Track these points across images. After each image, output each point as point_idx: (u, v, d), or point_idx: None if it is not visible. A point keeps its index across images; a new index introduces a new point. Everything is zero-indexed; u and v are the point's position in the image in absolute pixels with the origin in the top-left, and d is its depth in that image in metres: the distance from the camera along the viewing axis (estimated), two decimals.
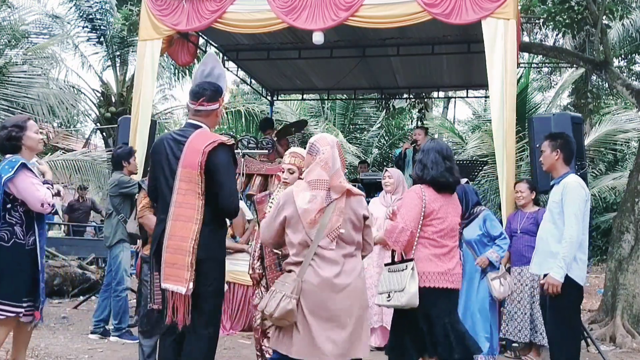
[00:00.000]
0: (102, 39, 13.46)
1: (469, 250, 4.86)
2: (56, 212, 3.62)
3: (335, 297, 2.77)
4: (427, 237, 3.33)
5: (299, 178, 3.54)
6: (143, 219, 4.20)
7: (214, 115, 3.25)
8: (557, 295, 3.54)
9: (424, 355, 3.31)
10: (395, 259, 3.42)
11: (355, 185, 7.81)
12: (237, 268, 5.63)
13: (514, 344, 5.24)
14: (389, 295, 3.27)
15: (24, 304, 3.45)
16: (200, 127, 3.17)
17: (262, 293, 3.56)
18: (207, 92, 3.20)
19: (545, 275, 3.63)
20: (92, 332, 5.49)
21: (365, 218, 2.93)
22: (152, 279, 4.06)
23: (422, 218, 3.30)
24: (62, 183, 13.45)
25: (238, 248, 6.03)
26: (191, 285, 2.91)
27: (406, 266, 3.24)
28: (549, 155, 3.86)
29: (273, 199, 3.62)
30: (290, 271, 2.86)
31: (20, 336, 3.59)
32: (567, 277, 3.54)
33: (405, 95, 11.75)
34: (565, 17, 6.67)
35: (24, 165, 3.42)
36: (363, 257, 3.04)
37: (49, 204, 3.39)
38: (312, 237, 2.80)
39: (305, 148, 3.15)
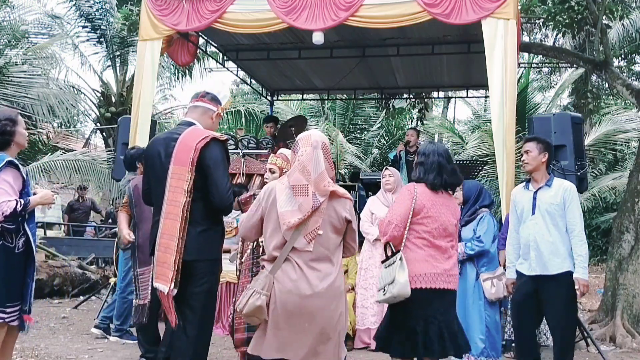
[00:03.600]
0: (102, 39, 13.47)
1: None
2: (16, 226, 3.24)
3: (303, 302, 2.65)
4: (420, 237, 3.34)
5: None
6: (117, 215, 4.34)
7: (209, 116, 3.25)
8: (569, 295, 3.85)
9: (412, 357, 3.31)
10: (388, 254, 3.43)
11: (355, 186, 7.88)
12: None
13: (514, 344, 5.23)
14: (384, 290, 3.29)
15: (8, 310, 3.25)
16: (194, 124, 3.16)
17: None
18: (209, 94, 3.30)
19: (555, 275, 3.83)
20: (95, 326, 5.47)
21: (348, 221, 2.80)
22: (136, 276, 4.16)
23: (411, 215, 3.32)
24: (62, 183, 13.47)
25: (225, 248, 6.00)
26: (173, 285, 2.89)
27: (395, 258, 3.29)
28: (536, 156, 3.98)
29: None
30: (264, 267, 2.78)
31: (6, 338, 3.36)
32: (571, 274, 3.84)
33: (405, 95, 11.75)
34: (565, 17, 6.67)
35: (9, 164, 3.21)
36: (346, 257, 2.97)
37: (2, 214, 3.10)
38: (287, 238, 2.69)
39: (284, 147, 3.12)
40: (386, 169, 5.76)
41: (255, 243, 3.59)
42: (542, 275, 3.87)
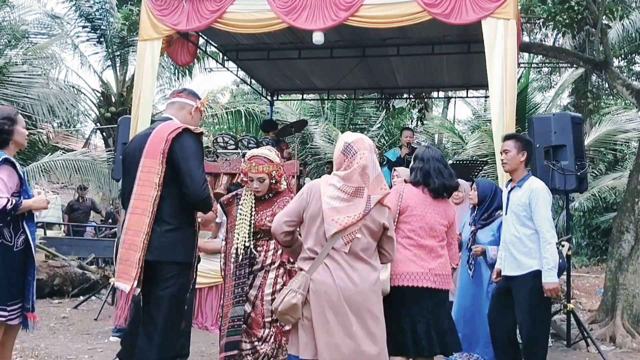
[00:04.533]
0: (102, 39, 13.46)
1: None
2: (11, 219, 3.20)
3: (340, 303, 2.67)
4: (406, 237, 3.37)
5: (271, 183, 3.50)
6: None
7: (187, 111, 3.17)
8: (534, 294, 3.75)
9: (402, 354, 3.33)
10: None
11: None
12: None
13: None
14: None
15: (8, 308, 3.23)
16: (171, 119, 3.11)
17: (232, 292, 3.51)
18: (187, 89, 3.27)
19: (523, 275, 3.81)
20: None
21: (385, 228, 2.82)
22: None
23: (397, 213, 3.36)
24: (62, 183, 13.48)
25: (217, 248, 5.95)
26: (136, 283, 2.77)
27: None
28: (515, 156, 3.93)
29: (241, 202, 3.54)
30: (301, 269, 2.79)
31: (5, 338, 3.34)
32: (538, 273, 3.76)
33: (405, 95, 11.75)
34: (565, 17, 6.67)
35: (4, 161, 3.19)
36: (383, 263, 2.96)
37: None
38: (328, 237, 2.71)
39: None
40: (394, 169, 5.73)
41: (239, 247, 3.52)
42: (512, 276, 3.90)
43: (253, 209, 3.53)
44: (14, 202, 3.17)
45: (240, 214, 3.52)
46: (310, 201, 2.78)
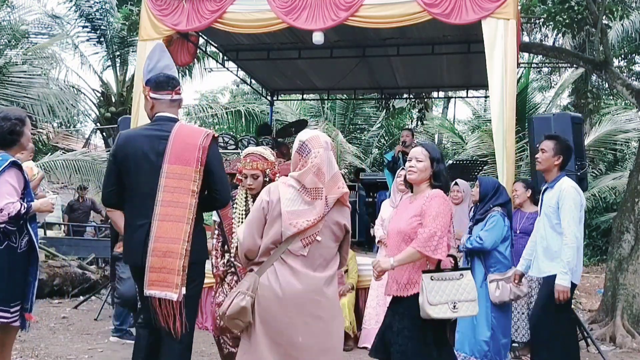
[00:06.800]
0: (102, 39, 13.47)
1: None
2: (12, 227, 3.22)
3: (291, 311, 2.47)
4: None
5: (265, 181, 3.38)
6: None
7: (180, 108, 3.13)
8: (551, 295, 3.61)
9: None
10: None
11: (355, 186, 7.83)
12: None
13: (513, 344, 5.21)
14: (454, 306, 3.00)
15: (12, 309, 3.26)
16: (177, 120, 2.99)
17: (225, 291, 3.44)
18: (177, 82, 3.05)
19: (545, 277, 3.74)
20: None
21: (347, 231, 2.65)
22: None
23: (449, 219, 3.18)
24: (62, 183, 13.48)
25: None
26: (183, 290, 2.74)
27: (462, 274, 3.08)
28: (550, 158, 3.87)
29: (236, 201, 3.49)
30: (251, 270, 2.60)
31: (5, 339, 3.37)
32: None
33: (405, 95, 11.75)
34: (565, 17, 6.68)
35: (13, 164, 3.21)
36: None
37: (8, 215, 3.09)
38: (284, 238, 2.52)
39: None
40: (402, 169, 5.70)
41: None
42: (538, 277, 3.88)
43: (249, 208, 3.46)
44: (26, 206, 3.21)
45: (237, 214, 3.46)
46: (272, 205, 2.57)
